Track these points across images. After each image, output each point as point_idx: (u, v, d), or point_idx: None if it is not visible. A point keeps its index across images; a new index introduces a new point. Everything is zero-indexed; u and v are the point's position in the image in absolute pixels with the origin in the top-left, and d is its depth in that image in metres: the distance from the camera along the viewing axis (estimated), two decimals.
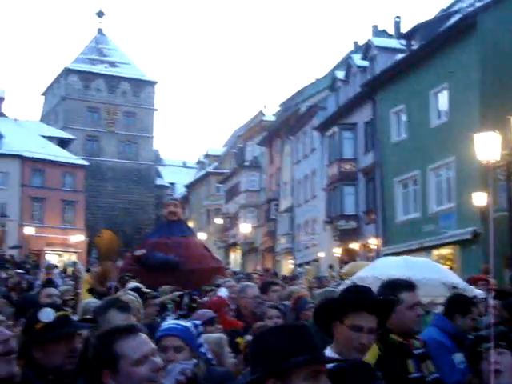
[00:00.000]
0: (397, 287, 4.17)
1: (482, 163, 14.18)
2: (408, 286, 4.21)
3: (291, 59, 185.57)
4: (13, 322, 5.51)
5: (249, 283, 7.68)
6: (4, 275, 17.86)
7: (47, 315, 3.32)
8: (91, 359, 2.84)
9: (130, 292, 6.76)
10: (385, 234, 30.82)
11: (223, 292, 7.84)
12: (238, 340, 5.14)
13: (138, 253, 11.03)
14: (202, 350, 3.85)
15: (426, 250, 25.96)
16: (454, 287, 9.05)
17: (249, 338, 4.97)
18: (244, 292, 6.79)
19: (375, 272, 9.23)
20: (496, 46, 24.20)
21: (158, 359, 2.79)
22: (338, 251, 35.19)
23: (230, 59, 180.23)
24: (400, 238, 28.47)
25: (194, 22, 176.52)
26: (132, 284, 7.41)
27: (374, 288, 3.94)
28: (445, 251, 26.23)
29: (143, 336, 2.81)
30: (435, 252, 26.32)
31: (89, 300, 6.41)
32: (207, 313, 5.65)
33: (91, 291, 7.93)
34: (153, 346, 2.84)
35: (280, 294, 8.52)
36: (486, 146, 14.04)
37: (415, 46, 30.27)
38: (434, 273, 9.25)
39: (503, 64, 23.95)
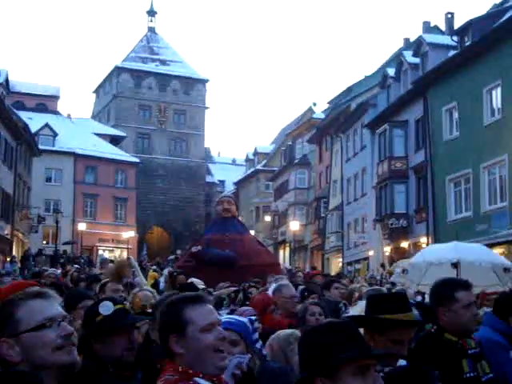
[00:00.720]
0: (453, 286, 4.16)
1: None
2: (464, 284, 4.20)
3: (341, 56, 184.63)
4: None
5: (283, 282, 7.67)
6: (60, 270, 18.23)
7: (107, 308, 3.44)
8: (159, 325, 2.90)
9: (146, 288, 6.92)
10: (435, 233, 30.46)
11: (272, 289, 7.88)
12: None
13: (195, 249, 11.17)
14: (258, 345, 3.92)
15: None
16: (506, 269, 8.91)
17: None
18: (280, 291, 6.78)
19: (425, 257, 9.19)
20: None
21: (223, 330, 2.83)
22: (387, 250, 34.93)
23: (280, 56, 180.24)
24: (451, 237, 27.83)
25: (245, 20, 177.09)
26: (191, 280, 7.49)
27: (425, 272, 3.94)
28: (498, 251, 25.81)
29: (210, 306, 2.87)
30: None
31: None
32: (247, 311, 5.67)
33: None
34: (218, 317, 2.90)
35: (343, 291, 8.64)
36: None
37: (468, 42, 29.84)
38: (484, 255, 9.12)
39: None
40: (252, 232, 49.51)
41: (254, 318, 4.13)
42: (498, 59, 26.05)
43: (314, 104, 59.30)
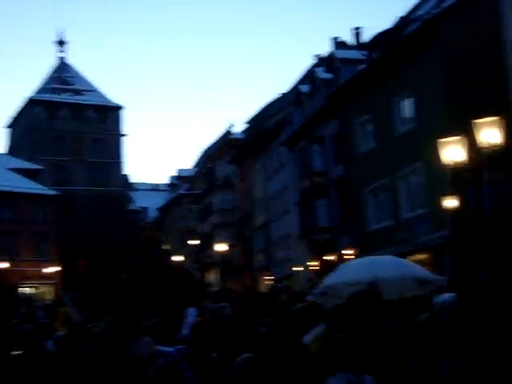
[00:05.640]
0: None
1: (450, 167, 14.29)
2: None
3: (256, 76, 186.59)
4: None
5: (223, 304, 7.68)
6: None
7: None
8: None
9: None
10: (360, 244, 30.90)
11: (192, 312, 7.86)
12: None
13: (123, 276, 11.11)
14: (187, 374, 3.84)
15: (401, 256, 26.02)
16: (425, 281, 9.03)
17: None
18: (220, 312, 6.78)
19: (339, 277, 9.16)
20: (457, 52, 24.55)
21: None
22: (314, 264, 35.19)
23: (195, 79, 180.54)
24: (375, 246, 28.56)
25: (158, 44, 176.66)
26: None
27: (346, 294, 3.93)
28: (421, 257, 26.33)
29: None
30: (411, 258, 26.40)
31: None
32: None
33: (66, 322, 7.86)
34: None
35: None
36: (452, 150, 14.19)
37: (377, 55, 30.57)
38: (402, 270, 9.22)
39: (465, 69, 24.29)
40: (179, 257, 49.25)
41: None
42: (408, 70, 26.79)
43: (232, 125, 59.56)
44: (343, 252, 32.21)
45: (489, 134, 12.66)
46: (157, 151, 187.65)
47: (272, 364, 2.89)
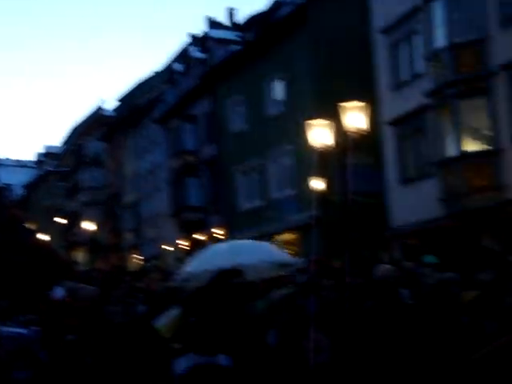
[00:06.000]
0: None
1: (318, 150, 14.70)
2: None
3: (130, 52, 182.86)
4: None
5: (83, 285, 7.57)
6: None
7: None
8: None
9: None
10: (230, 223, 31.24)
11: (59, 292, 7.72)
12: None
13: None
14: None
15: (269, 236, 26.57)
16: (284, 265, 9.28)
17: None
18: (77, 293, 6.68)
19: (202, 264, 9.23)
20: (327, 38, 25.19)
21: None
22: (184, 243, 35.24)
23: (65, 54, 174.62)
24: (244, 225, 28.97)
25: (36, 11, 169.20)
26: None
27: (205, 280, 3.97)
28: (288, 237, 26.97)
29: None
30: (279, 237, 26.98)
31: None
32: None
33: None
34: None
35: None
36: (320, 133, 14.57)
37: (251, 37, 30.85)
38: (261, 254, 9.43)
39: (334, 54, 25.00)
40: (46, 235, 47.75)
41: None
42: (279, 53, 27.22)
43: (103, 101, 58.31)
44: (213, 231, 32.47)
45: (354, 118, 13.08)
46: (23, 126, 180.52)
47: (121, 344, 2.87)
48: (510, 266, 6.42)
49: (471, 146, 18.80)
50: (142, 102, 43.63)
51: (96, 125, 55.05)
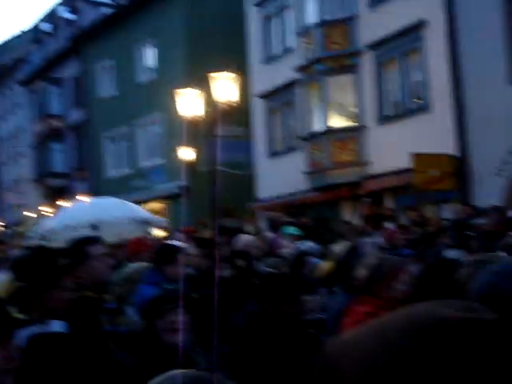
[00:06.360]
0: (83, 242, 4.20)
1: (188, 119, 14.62)
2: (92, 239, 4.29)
3: None
4: None
5: None
6: None
7: None
8: None
9: None
10: (95, 191, 30.57)
11: None
12: None
13: None
14: None
15: (136, 204, 26.24)
16: (145, 222, 9.27)
17: None
18: None
19: (62, 220, 9.10)
20: (200, 7, 24.97)
21: None
22: (48, 210, 34.18)
23: None
24: (110, 193, 28.29)
25: None
26: None
27: (68, 237, 3.85)
28: (155, 206, 26.76)
29: None
30: (146, 206, 26.72)
31: None
32: None
33: None
34: None
35: None
36: (190, 103, 14.50)
37: (122, 0, 30.08)
38: (122, 211, 9.39)
39: (207, 24, 24.82)
40: None
41: None
42: (152, 19, 26.70)
43: None
44: (78, 198, 31.68)
45: (225, 89, 13.10)
46: None
47: None
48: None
49: (337, 121, 19.30)
50: (5, 62, 41.64)
51: None
